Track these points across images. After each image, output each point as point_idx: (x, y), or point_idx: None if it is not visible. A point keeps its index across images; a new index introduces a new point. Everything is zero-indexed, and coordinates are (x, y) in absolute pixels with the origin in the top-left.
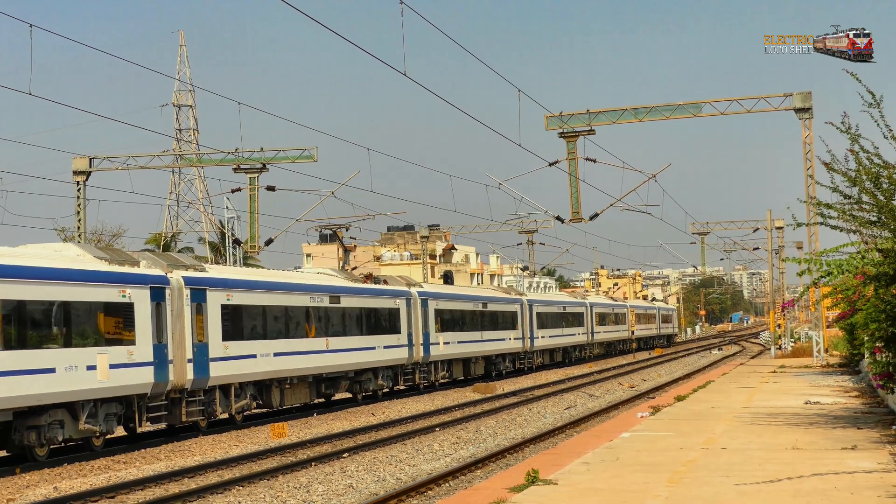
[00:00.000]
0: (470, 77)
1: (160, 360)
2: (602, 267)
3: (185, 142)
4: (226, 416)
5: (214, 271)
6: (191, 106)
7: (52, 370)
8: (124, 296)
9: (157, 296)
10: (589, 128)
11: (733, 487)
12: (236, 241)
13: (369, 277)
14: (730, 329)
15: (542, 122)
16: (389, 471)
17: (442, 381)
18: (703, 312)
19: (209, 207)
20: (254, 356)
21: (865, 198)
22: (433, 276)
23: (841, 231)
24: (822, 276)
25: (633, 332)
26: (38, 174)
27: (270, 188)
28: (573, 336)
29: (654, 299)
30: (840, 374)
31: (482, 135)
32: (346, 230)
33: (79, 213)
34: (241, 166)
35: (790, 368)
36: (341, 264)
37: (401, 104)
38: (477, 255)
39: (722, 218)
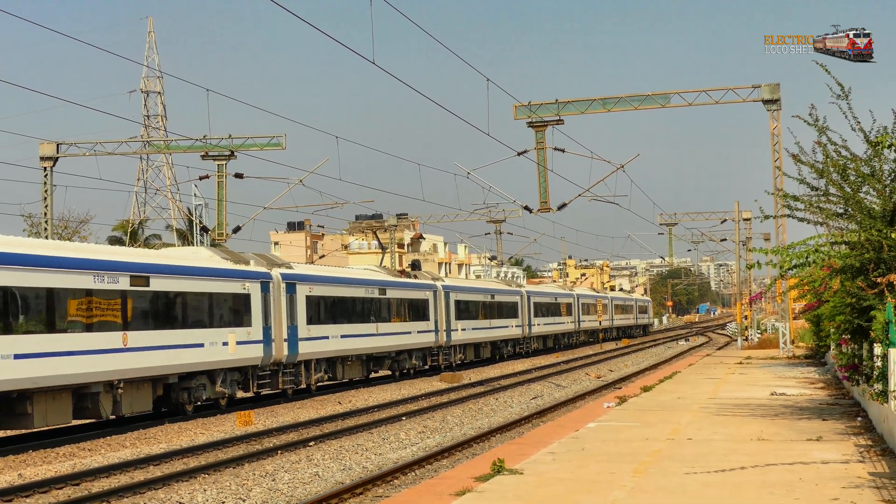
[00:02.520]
0: (439, 66)
1: (267, 338)
2: (570, 257)
3: (153, 128)
4: (303, 386)
5: (299, 269)
6: (159, 92)
7: (201, 345)
8: (245, 288)
9: (265, 288)
10: (557, 117)
11: (698, 478)
12: (204, 229)
13: (403, 272)
14: (697, 320)
15: (511, 112)
16: (356, 459)
17: (457, 362)
18: (670, 303)
19: (177, 194)
20: (327, 337)
21: (833, 190)
22: (401, 265)
23: (808, 223)
24: (789, 268)
25: (614, 322)
26: (5, 159)
27: (238, 175)
28: (563, 324)
29: (620, 289)
30: (806, 366)
31: (451, 123)
32: (391, 232)
33: (45, 199)
34: (209, 153)
35: (756, 360)
36: (381, 260)
37: (369, 92)
38: (445, 244)
39: (690, 209)
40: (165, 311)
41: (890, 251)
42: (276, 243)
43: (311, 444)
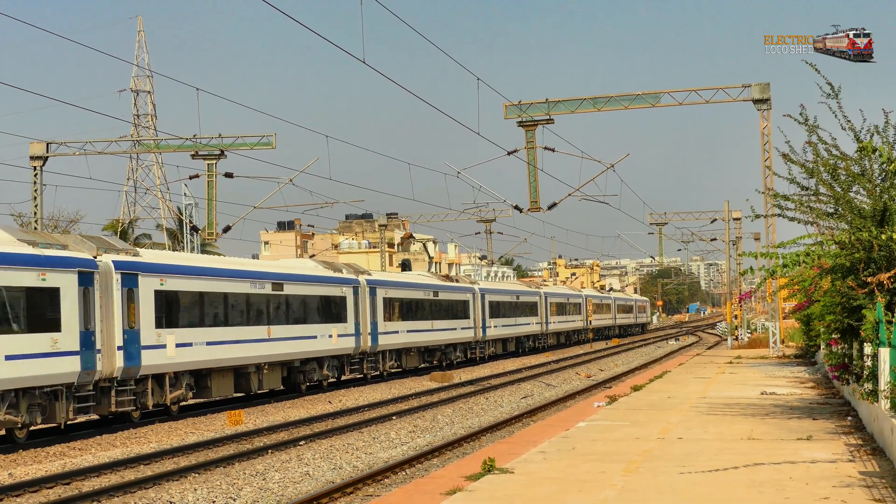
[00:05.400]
0: (429, 65)
1: (357, 332)
2: (560, 256)
3: (143, 127)
4: (377, 373)
5: (376, 275)
6: (149, 91)
7: (315, 337)
8: (342, 292)
9: (355, 292)
10: (547, 117)
11: (688, 477)
12: (194, 228)
13: (447, 277)
14: (687, 319)
15: (501, 111)
16: (346, 459)
17: (490, 354)
18: (660, 303)
19: (167, 194)
20: (397, 332)
21: (823, 189)
22: (391, 264)
23: (798, 223)
24: (777, 269)
25: (616, 320)
26: None
27: (228, 175)
28: (574, 322)
29: (610, 289)
30: (796, 366)
31: (441, 123)
32: (433, 242)
33: (35, 198)
34: (199, 153)
35: (746, 359)
36: (428, 266)
37: (360, 92)
38: (435, 243)
39: (680, 208)
40: (293, 310)
41: (880, 251)
42: (266, 243)
43: (301, 443)
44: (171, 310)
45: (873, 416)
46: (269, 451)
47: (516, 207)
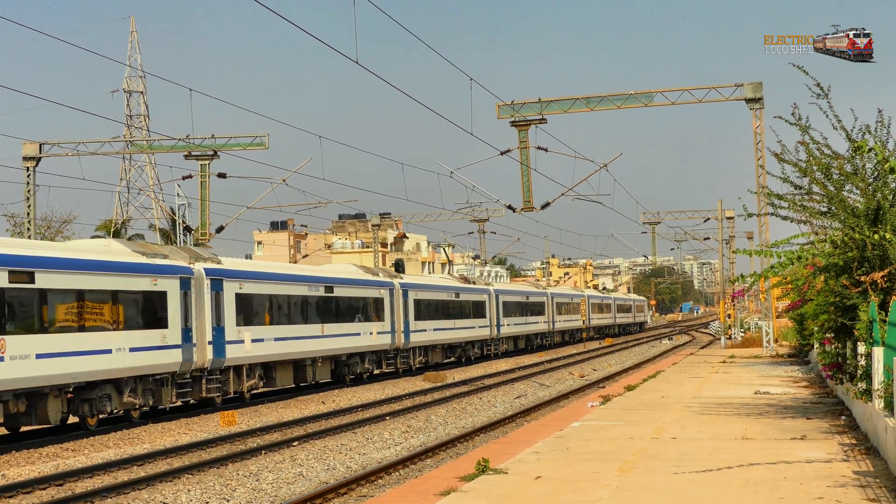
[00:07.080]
0: (422, 65)
1: (392, 330)
2: (553, 256)
3: (136, 128)
4: (405, 367)
5: (407, 278)
6: (142, 92)
7: (359, 334)
8: (380, 294)
9: (390, 294)
10: (540, 117)
11: (683, 476)
12: (187, 229)
13: (465, 279)
14: (680, 319)
15: (494, 111)
16: (339, 459)
17: (503, 351)
18: (653, 302)
19: (160, 194)
20: (425, 330)
21: (816, 188)
22: (384, 264)
23: (791, 222)
24: (768, 273)
25: (616, 319)
26: None
27: (221, 175)
28: (576, 321)
29: (604, 288)
30: (789, 365)
31: (434, 123)
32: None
33: (28, 199)
34: (192, 153)
35: (740, 358)
36: (447, 269)
37: (353, 92)
38: (428, 243)
39: (673, 208)
40: (342, 310)
41: (874, 250)
42: (259, 243)
43: (294, 444)
44: (247, 310)
45: (867, 415)
46: (263, 451)
47: (509, 207)
